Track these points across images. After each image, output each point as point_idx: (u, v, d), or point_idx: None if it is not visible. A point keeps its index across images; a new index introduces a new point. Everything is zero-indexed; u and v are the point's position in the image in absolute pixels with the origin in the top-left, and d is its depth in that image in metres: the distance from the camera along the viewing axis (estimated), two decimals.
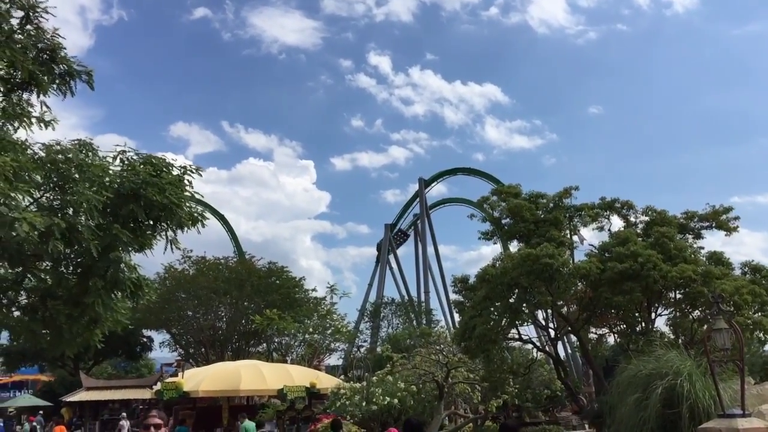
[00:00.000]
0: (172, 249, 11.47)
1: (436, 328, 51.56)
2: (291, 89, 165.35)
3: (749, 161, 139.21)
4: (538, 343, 22.68)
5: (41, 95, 11.66)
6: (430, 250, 73.62)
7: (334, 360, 53.11)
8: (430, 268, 72.86)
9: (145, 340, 51.82)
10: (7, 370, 53.70)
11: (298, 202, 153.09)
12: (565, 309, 21.02)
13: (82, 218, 9.04)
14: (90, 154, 9.86)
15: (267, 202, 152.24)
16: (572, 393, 21.99)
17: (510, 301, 18.77)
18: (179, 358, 47.86)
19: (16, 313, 12.16)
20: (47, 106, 11.66)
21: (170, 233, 11.58)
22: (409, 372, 26.52)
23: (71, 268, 10.20)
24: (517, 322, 19.57)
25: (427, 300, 68.95)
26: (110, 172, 10.16)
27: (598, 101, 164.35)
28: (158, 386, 28.46)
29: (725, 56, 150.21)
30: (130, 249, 11.23)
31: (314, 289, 48.72)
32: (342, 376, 34.69)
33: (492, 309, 18.71)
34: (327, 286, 42.61)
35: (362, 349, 50.87)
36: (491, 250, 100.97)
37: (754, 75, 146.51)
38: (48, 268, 10.66)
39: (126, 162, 10.67)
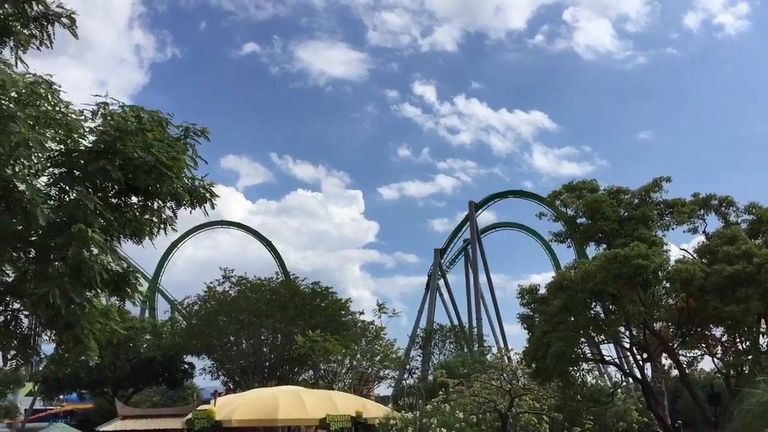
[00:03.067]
0: (165, 231, 8.82)
1: (488, 355, 48.21)
2: (338, 120, 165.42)
3: None
4: (610, 364, 19.35)
5: (19, 49, 9.25)
6: (482, 276, 70.05)
7: (383, 389, 49.89)
8: (482, 295, 69.22)
9: (186, 366, 49.31)
10: (46, 399, 51.90)
11: (347, 232, 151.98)
12: (656, 325, 17.67)
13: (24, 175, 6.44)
14: (49, 96, 7.29)
15: (315, 232, 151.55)
16: (667, 428, 18.34)
17: (593, 312, 15.58)
18: (229, 386, 45.40)
19: None
20: (23, 62, 9.22)
21: (167, 212, 8.95)
22: (467, 400, 23.41)
23: (22, 251, 7.55)
24: (599, 339, 16.33)
25: (480, 327, 65.32)
26: (81, 126, 7.58)
27: (647, 126, 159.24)
28: (190, 415, 25.81)
29: None
30: (117, 233, 8.63)
31: (361, 313, 45.58)
32: (391, 405, 31.51)
33: (571, 322, 15.51)
34: (377, 303, 39.40)
35: (413, 376, 47.65)
36: (542, 279, 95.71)
37: None
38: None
39: (108, 118, 8.08)
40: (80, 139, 7.49)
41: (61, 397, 56.04)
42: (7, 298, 8.92)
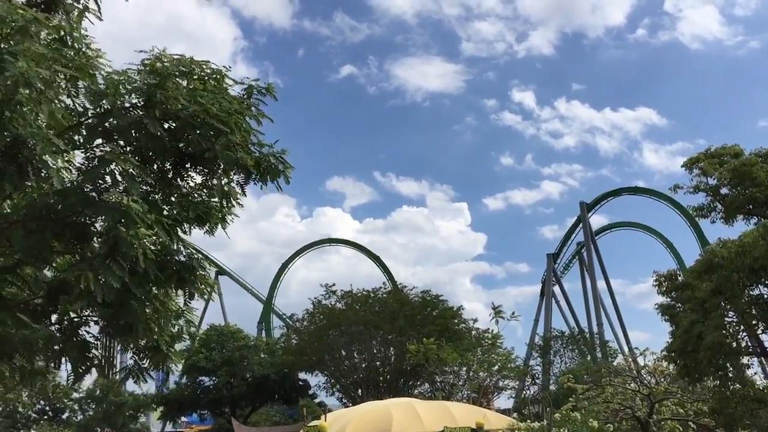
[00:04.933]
0: (230, 205, 7.37)
1: (614, 361, 44.89)
2: (438, 134, 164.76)
3: None
4: None
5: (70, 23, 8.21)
6: (601, 283, 66.25)
7: (503, 401, 47.29)
8: (601, 301, 65.11)
9: (301, 383, 48.93)
10: (170, 421, 53.08)
11: (455, 245, 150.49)
12: None
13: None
14: (75, 44, 6.00)
15: (423, 247, 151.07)
16: None
17: (755, 293, 12.96)
18: (345, 403, 44.64)
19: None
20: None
21: (231, 183, 7.52)
22: (600, 407, 21.00)
23: (57, 232, 6.25)
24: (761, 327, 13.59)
25: (601, 333, 61.49)
26: (119, 82, 6.26)
27: None
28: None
29: None
30: (180, 217, 7.31)
31: (475, 320, 43.35)
32: (516, 415, 29.19)
33: (727, 308, 12.95)
34: (492, 306, 37.04)
35: (537, 383, 44.92)
36: None
37: None
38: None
39: (147, 66, 6.73)
40: (116, 96, 6.20)
41: (184, 418, 57.28)
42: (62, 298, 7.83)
